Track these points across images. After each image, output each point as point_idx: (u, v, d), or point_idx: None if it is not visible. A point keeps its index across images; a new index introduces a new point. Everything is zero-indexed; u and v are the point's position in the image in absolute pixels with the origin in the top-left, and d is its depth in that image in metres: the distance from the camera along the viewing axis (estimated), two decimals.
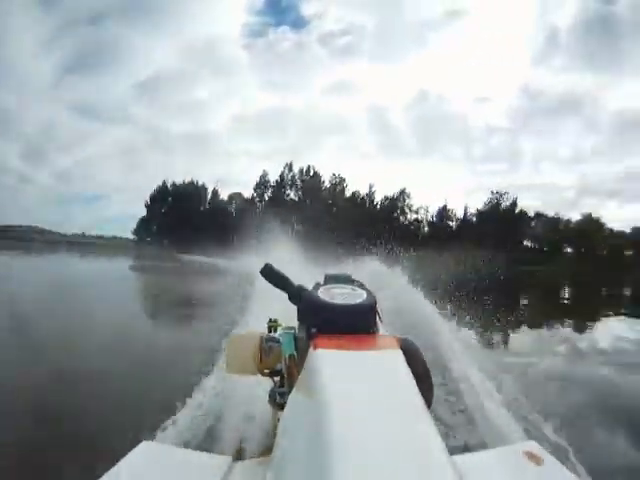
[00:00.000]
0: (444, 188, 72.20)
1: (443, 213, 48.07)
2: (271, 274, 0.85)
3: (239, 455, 1.61)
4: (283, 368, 0.85)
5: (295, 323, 0.85)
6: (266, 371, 0.90)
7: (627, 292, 17.62)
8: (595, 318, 7.89)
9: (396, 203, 48.37)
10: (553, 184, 70.16)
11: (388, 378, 0.58)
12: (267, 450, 0.66)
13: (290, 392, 0.69)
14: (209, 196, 51.24)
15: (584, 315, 8.55)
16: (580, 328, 6.75)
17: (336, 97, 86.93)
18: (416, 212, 47.82)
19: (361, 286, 0.82)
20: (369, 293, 0.78)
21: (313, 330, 0.72)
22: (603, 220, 44.10)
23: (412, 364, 0.62)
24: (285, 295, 0.83)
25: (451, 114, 72.57)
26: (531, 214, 45.59)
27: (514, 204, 45.07)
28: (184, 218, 45.99)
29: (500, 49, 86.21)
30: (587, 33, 67.51)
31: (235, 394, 2.07)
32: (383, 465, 0.40)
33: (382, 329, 0.77)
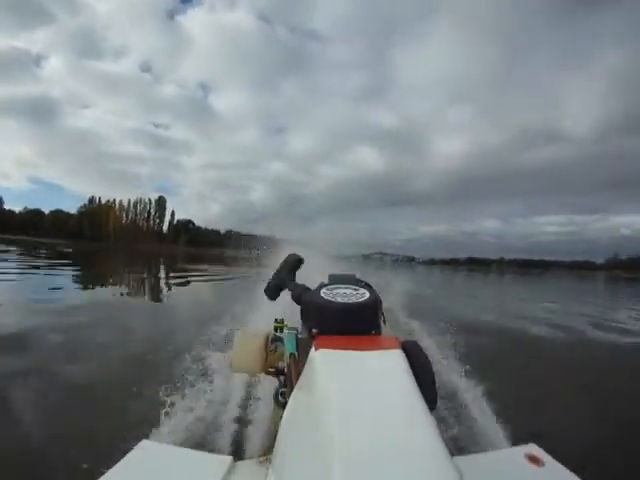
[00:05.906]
0: None
1: None
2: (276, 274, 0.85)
3: (239, 455, 1.61)
4: (285, 368, 0.85)
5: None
6: (271, 370, 0.90)
7: None
8: None
9: None
10: None
11: (388, 378, 0.58)
12: (268, 449, 0.66)
13: (292, 392, 0.69)
14: None
15: None
16: None
17: None
18: None
19: (366, 286, 0.81)
20: (373, 293, 0.78)
21: (314, 330, 0.72)
22: None
23: (415, 365, 0.61)
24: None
25: None
26: None
27: None
28: None
29: None
30: None
31: None
32: (383, 466, 0.40)
33: (386, 330, 0.77)
